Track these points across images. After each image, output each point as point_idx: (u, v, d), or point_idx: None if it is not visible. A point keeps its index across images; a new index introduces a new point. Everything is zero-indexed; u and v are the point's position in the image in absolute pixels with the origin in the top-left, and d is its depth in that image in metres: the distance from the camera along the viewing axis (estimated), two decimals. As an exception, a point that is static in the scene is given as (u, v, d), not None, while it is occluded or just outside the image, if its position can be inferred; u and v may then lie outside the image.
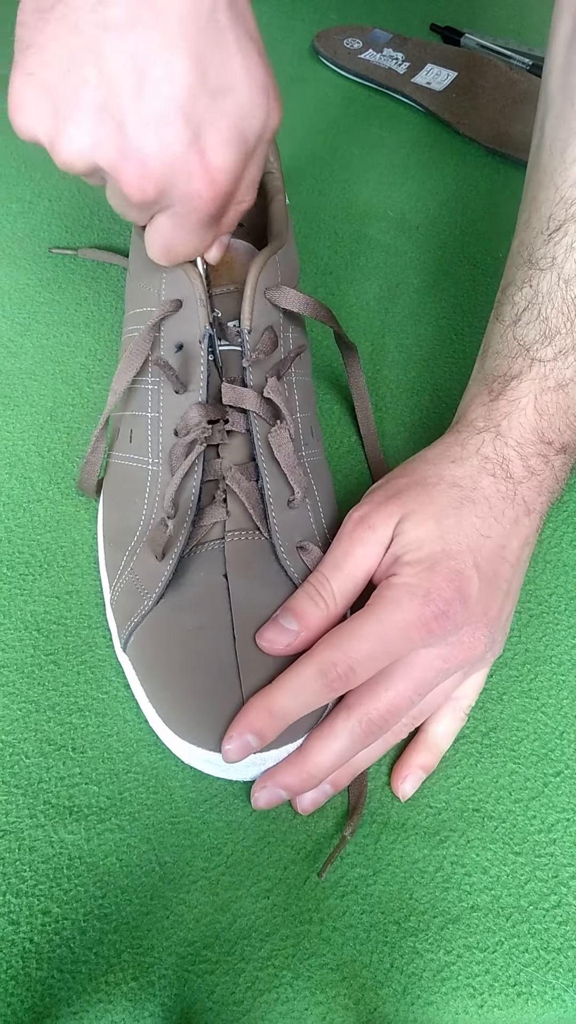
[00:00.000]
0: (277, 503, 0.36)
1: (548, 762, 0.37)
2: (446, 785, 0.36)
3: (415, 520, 0.34)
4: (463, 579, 0.33)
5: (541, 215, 0.38)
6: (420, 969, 0.32)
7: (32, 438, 0.46)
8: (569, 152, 0.37)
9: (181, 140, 0.28)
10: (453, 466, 0.36)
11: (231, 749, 0.31)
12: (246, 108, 0.30)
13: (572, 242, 0.36)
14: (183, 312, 0.37)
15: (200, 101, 0.28)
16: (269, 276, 0.37)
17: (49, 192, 0.59)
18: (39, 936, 0.32)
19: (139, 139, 0.28)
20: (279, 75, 0.72)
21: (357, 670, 0.32)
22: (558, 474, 0.37)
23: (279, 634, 0.33)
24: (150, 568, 0.36)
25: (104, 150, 0.29)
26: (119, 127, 0.28)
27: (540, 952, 0.32)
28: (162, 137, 0.28)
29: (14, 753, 0.36)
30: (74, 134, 0.29)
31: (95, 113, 0.28)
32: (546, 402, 0.36)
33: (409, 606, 0.32)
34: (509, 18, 0.81)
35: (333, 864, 0.34)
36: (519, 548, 0.35)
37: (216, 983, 0.31)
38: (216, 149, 0.29)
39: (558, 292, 0.36)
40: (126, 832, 0.34)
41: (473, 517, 0.34)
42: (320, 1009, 0.31)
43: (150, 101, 0.28)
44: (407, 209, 0.61)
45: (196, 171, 0.29)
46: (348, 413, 0.49)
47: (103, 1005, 0.30)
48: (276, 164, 0.44)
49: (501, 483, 0.35)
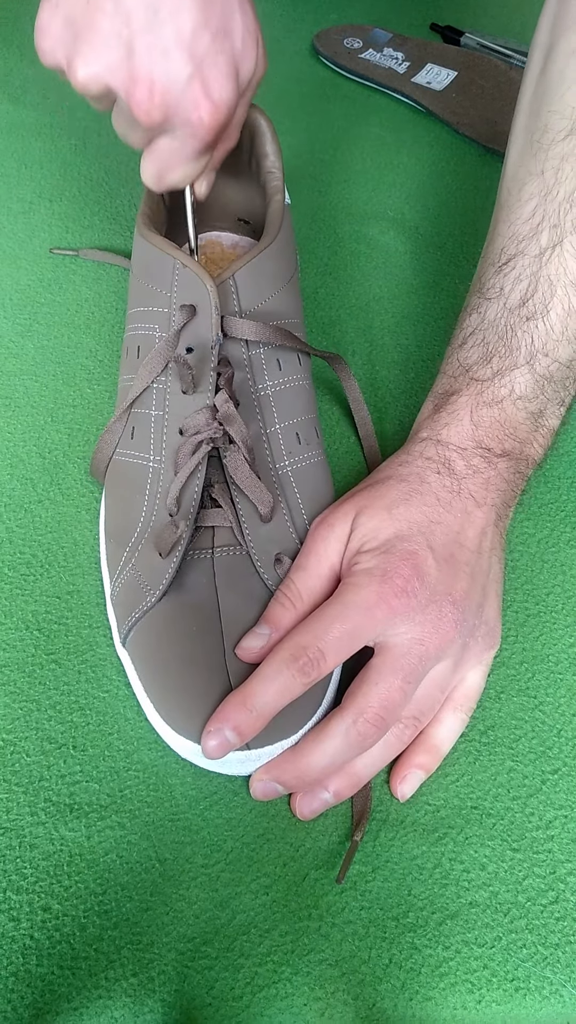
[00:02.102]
0: (250, 519, 0.37)
1: (546, 759, 0.37)
2: (445, 782, 0.36)
3: (368, 514, 0.36)
4: (417, 557, 0.35)
5: (495, 248, 0.41)
6: (419, 965, 0.32)
7: (33, 439, 0.46)
8: (525, 190, 0.40)
9: (185, 70, 0.33)
10: (400, 468, 0.38)
11: (211, 745, 0.32)
12: (240, 51, 0.34)
13: (519, 275, 0.39)
14: (198, 318, 0.38)
15: (203, 39, 0.32)
16: (225, 302, 0.38)
17: (50, 193, 0.59)
18: (39, 932, 0.32)
19: (149, 66, 0.32)
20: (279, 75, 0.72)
21: (327, 652, 0.33)
22: (504, 475, 0.38)
23: (251, 640, 0.35)
24: (153, 565, 0.36)
25: (116, 73, 0.33)
26: (131, 53, 0.32)
27: (538, 948, 0.33)
28: (169, 67, 0.32)
29: (15, 751, 0.36)
30: (91, 57, 0.33)
31: (110, 39, 0.32)
32: (481, 415, 0.38)
33: (369, 586, 0.34)
34: (509, 18, 0.81)
35: (334, 864, 0.34)
36: (476, 536, 0.37)
37: (216, 979, 0.31)
38: (217, 82, 0.33)
39: (502, 319, 0.39)
40: (126, 829, 0.34)
41: (422, 506, 0.36)
42: (319, 1004, 0.31)
43: (159, 33, 0.32)
44: (407, 209, 0.61)
45: (200, 100, 0.33)
46: (347, 415, 0.49)
47: (103, 1001, 0.31)
48: (278, 164, 0.44)
49: (445, 479, 0.37)
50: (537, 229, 0.39)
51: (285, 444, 0.40)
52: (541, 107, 0.40)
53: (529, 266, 0.39)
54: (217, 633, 0.35)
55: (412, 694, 0.34)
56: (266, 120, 0.44)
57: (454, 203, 0.62)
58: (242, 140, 0.44)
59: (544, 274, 0.38)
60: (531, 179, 0.40)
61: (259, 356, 0.39)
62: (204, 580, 0.36)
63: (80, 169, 0.61)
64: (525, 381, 0.38)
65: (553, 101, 0.39)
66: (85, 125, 0.65)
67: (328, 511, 0.38)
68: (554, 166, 0.39)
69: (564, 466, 0.47)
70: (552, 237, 0.38)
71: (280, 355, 0.40)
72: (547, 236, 0.38)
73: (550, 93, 0.39)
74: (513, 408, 0.39)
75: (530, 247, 0.39)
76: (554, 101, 0.39)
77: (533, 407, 0.39)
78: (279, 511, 0.38)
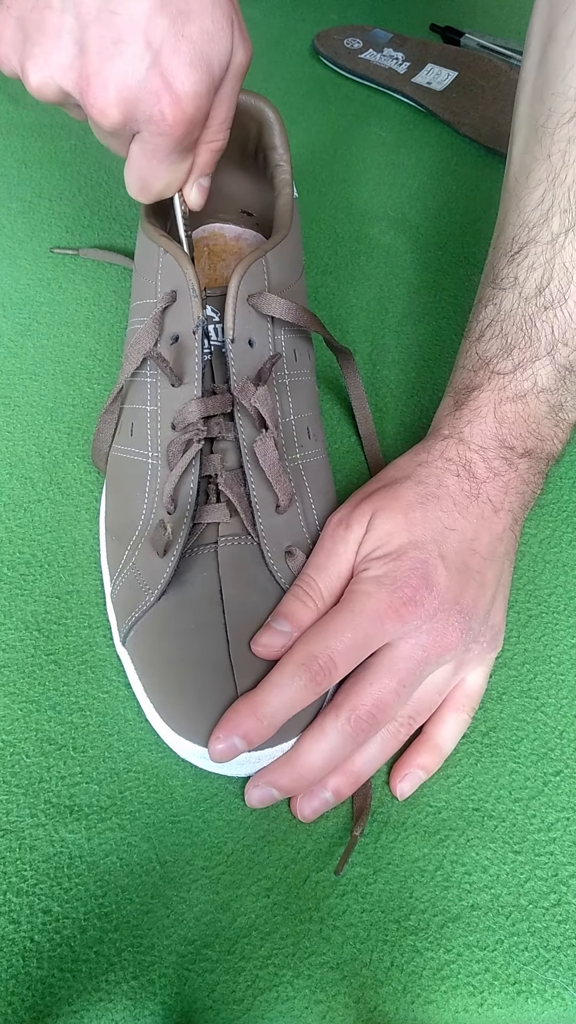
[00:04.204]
0: (264, 509, 0.37)
1: (548, 761, 0.37)
2: (446, 784, 0.36)
3: (383, 516, 0.36)
4: (427, 567, 0.34)
5: (506, 237, 0.40)
6: (420, 967, 0.32)
7: (32, 438, 0.46)
8: (533, 176, 0.39)
9: (142, 61, 0.29)
10: (419, 468, 0.38)
11: (219, 749, 0.32)
12: (209, 33, 0.30)
13: (532, 263, 0.38)
14: (178, 303, 0.37)
15: (159, 23, 0.29)
16: (253, 282, 0.37)
17: (50, 192, 0.59)
18: (40, 935, 0.32)
19: (100, 61, 0.29)
20: (279, 75, 0.72)
21: (338, 661, 0.33)
22: (524, 476, 0.38)
23: (272, 637, 0.34)
24: (152, 564, 0.36)
25: (67, 74, 0.30)
26: (82, 51, 0.29)
27: (540, 950, 0.32)
28: (123, 59, 0.29)
29: (15, 752, 0.36)
30: (40, 59, 0.30)
31: (60, 37, 0.29)
32: (505, 411, 0.38)
33: (379, 595, 0.33)
34: (509, 18, 0.81)
35: (336, 863, 0.34)
36: (490, 542, 0.36)
37: (216, 982, 0.31)
38: (178, 71, 0.30)
39: (518, 310, 0.38)
40: (127, 831, 0.34)
41: (438, 511, 0.36)
42: (320, 1008, 0.31)
43: (110, 23, 0.28)
44: (407, 209, 0.61)
45: (160, 92, 0.30)
46: (348, 413, 0.49)
47: (103, 1004, 0.30)
48: (286, 157, 0.44)
49: (465, 482, 0.37)
50: (547, 215, 0.38)
51: (298, 437, 0.40)
52: (544, 92, 0.39)
53: (542, 253, 0.38)
54: (220, 626, 0.35)
55: (407, 697, 0.34)
56: (274, 112, 0.43)
57: (454, 203, 0.62)
58: (248, 131, 0.44)
59: (559, 261, 0.37)
60: (538, 164, 0.39)
61: (280, 342, 0.39)
62: (206, 573, 0.36)
63: (80, 169, 0.61)
64: (547, 372, 0.38)
65: (556, 84, 0.38)
66: (85, 125, 0.64)
67: (345, 510, 0.38)
68: (561, 149, 0.38)
69: (566, 466, 0.47)
70: (563, 222, 0.37)
71: (296, 345, 0.40)
72: (558, 221, 0.37)
73: (553, 77, 0.39)
74: (536, 402, 0.38)
75: (542, 234, 0.38)
76: (557, 84, 0.38)
77: (554, 400, 0.38)
78: (293, 503, 0.38)
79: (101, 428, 0.41)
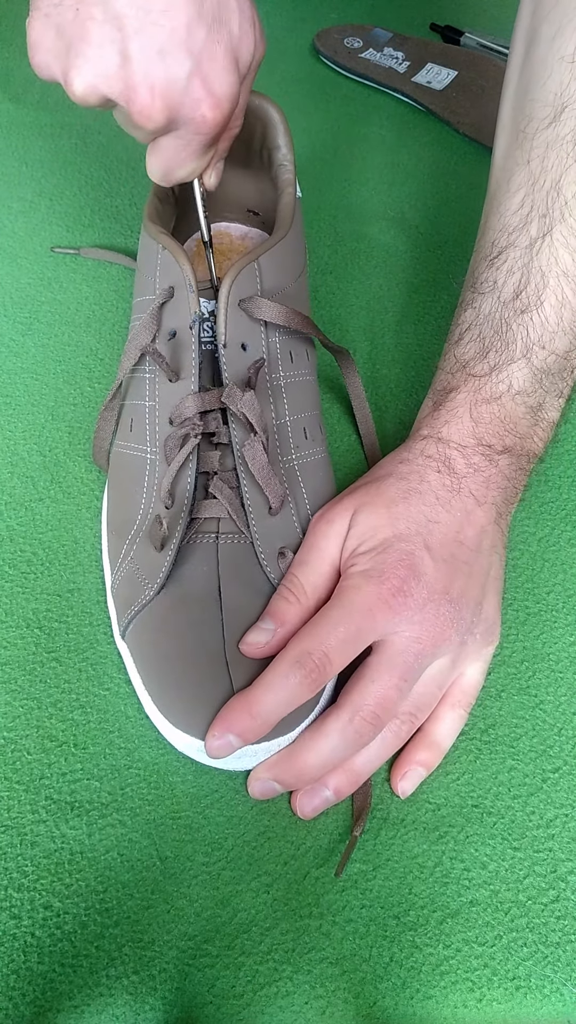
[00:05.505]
0: (257, 511, 0.37)
1: (546, 758, 0.37)
2: (445, 781, 0.36)
3: (367, 511, 0.36)
4: (414, 558, 0.35)
5: (486, 241, 0.41)
6: (419, 963, 0.32)
7: (33, 437, 0.46)
8: (513, 181, 0.40)
9: (184, 69, 0.31)
10: (400, 465, 0.38)
11: (215, 746, 0.32)
12: (237, 38, 0.33)
13: (511, 267, 0.39)
14: (175, 299, 0.37)
15: (198, 33, 0.31)
16: (245, 286, 0.37)
17: (50, 191, 0.59)
18: (40, 930, 0.32)
19: (145, 70, 0.31)
20: (279, 74, 0.72)
21: (332, 657, 0.33)
22: (505, 472, 0.38)
23: (255, 635, 0.34)
24: (150, 559, 0.36)
25: (112, 82, 0.31)
26: (126, 60, 0.31)
27: (538, 946, 0.33)
28: (166, 67, 0.31)
29: (16, 749, 0.36)
30: (85, 68, 0.31)
31: (103, 47, 0.30)
32: (481, 412, 0.38)
33: (368, 588, 0.34)
34: (509, 18, 0.80)
35: (335, 862, 0.34)
36: (476, 534, 0.37)
37: (216, 977, 0.31)
38: (217, 76, 0.32)
39: (496, 314, 0.39)
40: (127, 827, 0.34)
41: (421, 505, 0.36)
42: (320, 1003, 0.31)
43: (153, 34, 0.30)
44: (407, 209, 0.61)
45: (202, 97, 0.32)
46: (348, 412, 0.49)
47: (104, 999, 0.31)
48: (289, 157, 0.44)
49: (445, 477, 0.37)
50: (526, 219, 0.38)
51: (293, 438, 0.40)
52: (525, 96, 0.40)
53: (520, 258, 0.38)
54: (217, 624, 0.35)
55: (408, 692, 0.34)
56: (278, 111, 0.43)
57: (454, 202, 0.62)
58: (253, 131, 0.44)
59: (536, 265, 0.38)
60: (518, 169, 0.39)
61: (275, 345, 0.39)
62: (206, 568, 0.36)
63: (81, 168, 0.61)
64: (523, 375, 0.38)
65: (536, 89, 0.39)
66: (86, 124, 0.65)
67: (327, 506, 0.38)
68: (539, 154, 0.38)
69: (564, 464, 0.47)
70: (541, 227, 0.38)
71: (293, 347, 0.40)
72: (536, 226, 0.38)
73: (533, 81, 0.39)
74: (512, 403, 0.38)
75: (520, 238, 0.39)
76: (536, 89, 0.39)
77: (532, 401, 0.39)
78: (286, 505, 0.38)
79: (101, 426, 0.41)
